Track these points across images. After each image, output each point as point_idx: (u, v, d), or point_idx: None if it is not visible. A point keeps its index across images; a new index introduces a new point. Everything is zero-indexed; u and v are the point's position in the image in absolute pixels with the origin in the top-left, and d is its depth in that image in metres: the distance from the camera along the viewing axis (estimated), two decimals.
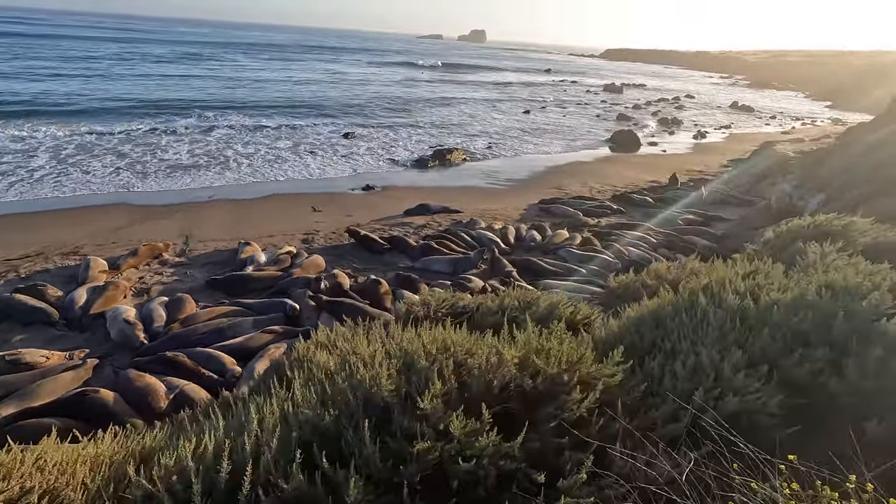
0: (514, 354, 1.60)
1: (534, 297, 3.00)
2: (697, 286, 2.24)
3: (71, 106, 23.42)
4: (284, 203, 12.81)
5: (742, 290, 2.09)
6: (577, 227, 11.21)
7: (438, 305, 3.17)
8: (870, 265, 2.50)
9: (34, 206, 11.72)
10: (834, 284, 1.98)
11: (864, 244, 3.16)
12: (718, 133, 30.80)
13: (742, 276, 2.36)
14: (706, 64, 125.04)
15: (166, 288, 7.56)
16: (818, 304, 1.90)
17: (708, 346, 1.75)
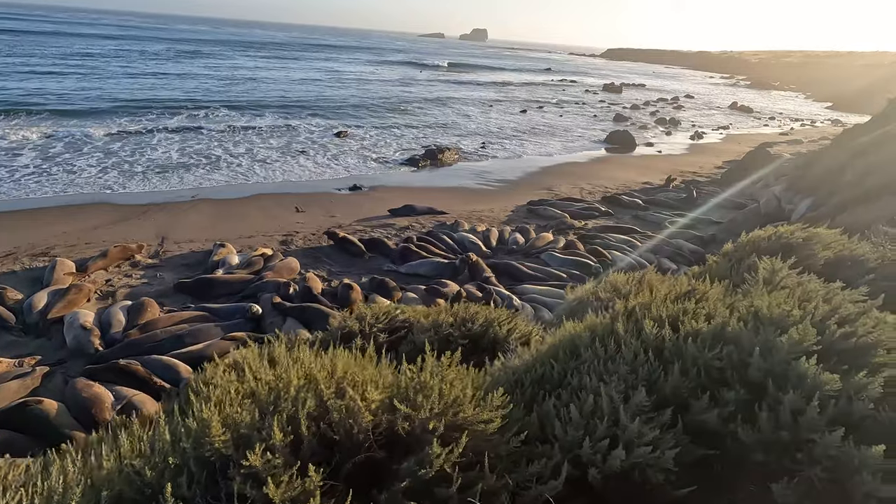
0: (375, 398, 1.40)
1: (471, 313, 2.80)
2: (622, 309, 2.04)
3: (63, 104, 23.24)
4: (268, 203, 12.61)
5: (666, 315, 1.88)
6: (562, 229, 11.01)
7: (375, 320, 2.98)
8: (819, 284, 2.29)
9: (11, 205, 11.53)
10: (761, 313, 1.78)
11: (825, 258, 2.95)
12: (716, 134, 30.56)
13: (674, 297, 2.14)
14: (708, 64, 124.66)
15: (133, 291, 7.37)
16: (738, 336, 1.69)
17: (614, 383, 1.55)
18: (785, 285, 2.33)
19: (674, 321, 1.85)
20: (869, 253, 2.97)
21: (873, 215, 5.77)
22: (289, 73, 44.88)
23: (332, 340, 2.82)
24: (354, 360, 1.85)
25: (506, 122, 28.84)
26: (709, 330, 1.75)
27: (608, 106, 39.92)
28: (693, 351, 1.67)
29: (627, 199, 13.56)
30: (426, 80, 48.53)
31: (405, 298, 7.17)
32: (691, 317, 1.87)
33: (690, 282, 2.47)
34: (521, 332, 2.73)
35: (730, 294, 2.27)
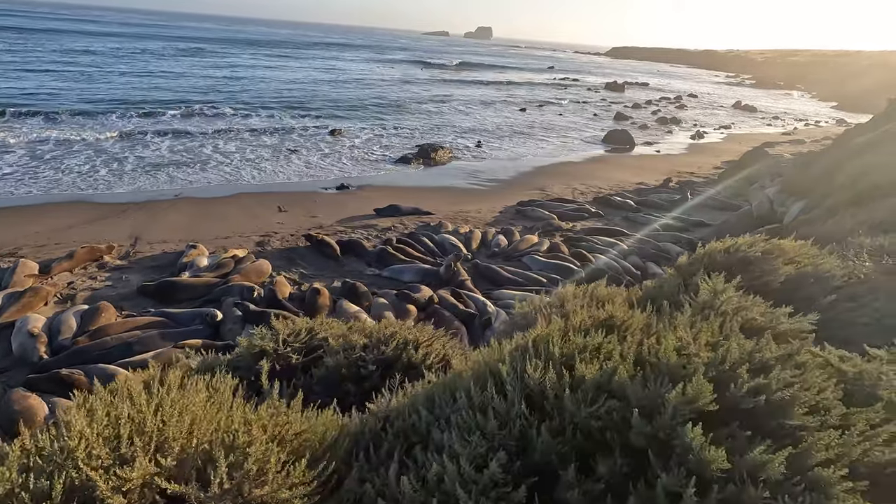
0: (135, 476, 1.12)
1: (387, 335, 2.51)
2: (527, 339, 1.75)
3: (56, 102, 23.08)
4: (250, 203, 12.37)
5: (560, 353, 1.58)
6: (549, 231, 10.70)
7: (294, 338, 2.70)
8: (763, 310, 2.00)
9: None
10: (658, 356, 1.49)
11: (787, 274, 2.65)
12: (717, 133, 30.12)
13: (589, 326, 1.85)
14: (713, 63, 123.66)
15: (94, 294, 7.13)
16: (623, 388, 1.40)
17: (474, 443, 1.27)
18: (724, 311, 2.03)
19: (569, 361, 1.56)
20: (836, 268, 2.67)
21: (862, 219, 5.45)
22: (288, 71, 44.69)
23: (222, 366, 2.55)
24: (208, 402, 1.57)
25: (504, 121, 28.50)
26: (592, 378, 1.46)
27: (609, 105, 39.48)
28: (570, 405, 1.38)
29: (619, 200, 13.24)
30: (426, 79, 48.21)
31: (375, 304, 6.89)
32: (589, 357, 1.57)
33: (612, 306, 2.17)
34: (439, 356, 2.45)
35: (661, 322, 1.98)
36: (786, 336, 1.98)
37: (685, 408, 1.28)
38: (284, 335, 2.78)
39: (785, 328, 1.99)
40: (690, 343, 1.57)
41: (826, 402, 1.42)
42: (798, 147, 23.57)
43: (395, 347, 2.41)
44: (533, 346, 1.63)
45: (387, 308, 6.74)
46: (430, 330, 2.74)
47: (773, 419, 1.34)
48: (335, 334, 2.59)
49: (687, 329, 1.70)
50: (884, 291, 2.48)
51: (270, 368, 2.69)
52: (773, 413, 1.35)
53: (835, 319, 2.35)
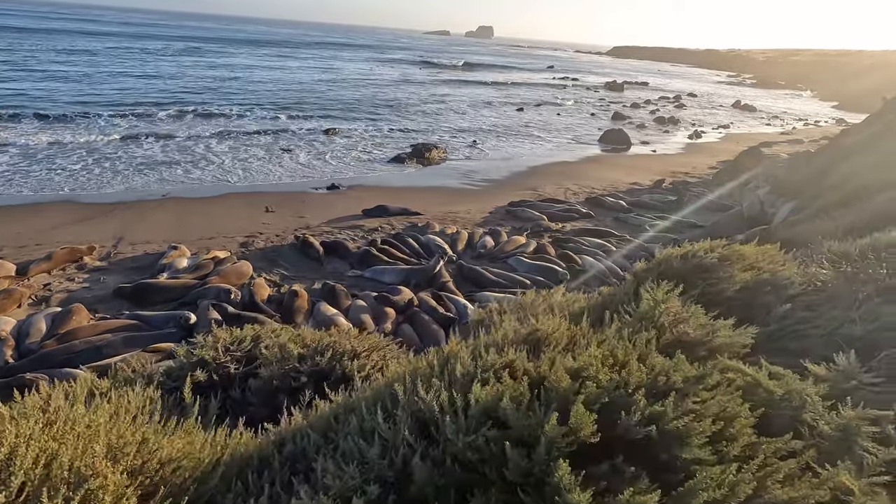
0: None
1: (324, 344, 2.40)
2: (438, 358, 1.61)
3: (52, 102, 23.01)
4: (238, 203, 12.27)
5: (463, 373, 1.47)
6: (538, 232, 10.59)
7: (234, 347, 2.59)
8: (703, 323, 1.88)
9: None
10: (548, 379, 1.37)
11: (742, 282, 2.53)
12: (715, 133, 29.95)
13: (509, 343, 1.73)
14: (714, 62, 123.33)
15: (70, 296, 7.04)
16: (506, 416, 1.29)
17: (348, 475, 1.17)
18: (661, 324, 1.92)
19: (466, 385, 1.44)
20: (795, 276, 2.56)
21: (849, 220, 5.32)
22: (286, 70, 44.61)
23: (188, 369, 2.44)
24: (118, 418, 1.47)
25: (500, 121, 28.38)
26: (480, 404, 1.35)
27: (608, 104, 39.32)
28: (449, 432, 1.27)
29: (611, 201, 13.12)
30: (424, 79, 48.07)
31: (354, 307, 6.79)
32: (494, 377, 1.46)
33: (537, 319, 2.05)
34: (377, 367, 2.34)
35: (587, 337, 1.87)
36: (721, 351, 1.86)
37: (562, 441, 1.17)
38: (227, 343, 2.68)
39: (721, 342, 1.88)
40: (592, 364, 1.45)
41: (732, 431, 1.31)
42: (796, 147, 23.39)
43: (331, 358, 2.30)
44: (441, 364, 1.52)
45: (365, 311, 6.64)
46: (375, 339, 2.63)
47: (667, 451, 1.23)
48: (273, 344, 2.48)
49: (596, 346, 1.59)
50: (842, 300, 2.36)
51: (208, 378, 2.60)
52: (669, 444, 1.24)
53: (789, 330, 2.24)
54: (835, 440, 1.35)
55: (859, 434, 1.35)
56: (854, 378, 1.66)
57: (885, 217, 3.08)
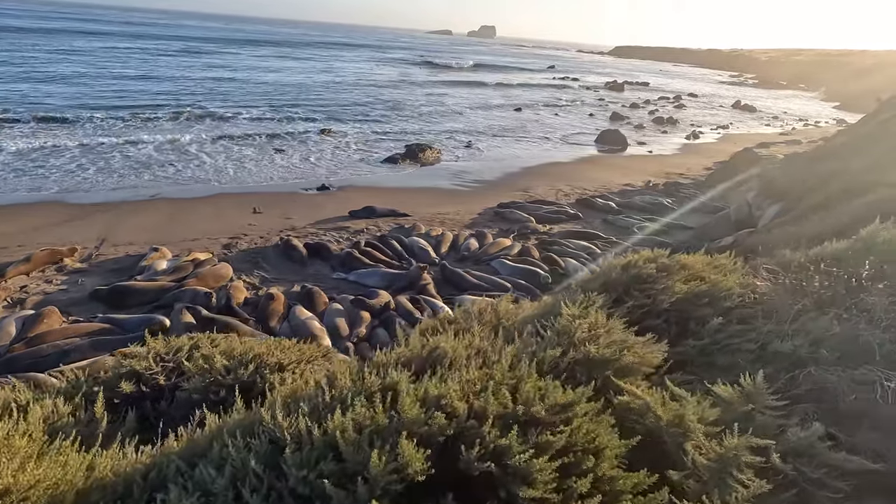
0: None
1: (250, 357, 2.33)
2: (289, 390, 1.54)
3: (48, 103, 23.03)
4: (227, 203, 12.24)
5: (332, 398, 1.40)
6: (525, 234, 10.53)
7: (170, 356, 2.53)
8: (620, 338, 1.80)
9: None
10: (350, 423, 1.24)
11: (681, 293, 2.45)
12: (714, 134, 29.82)
13: (410, 358, 1.67)
14: (716, 62, 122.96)
15: (46, 299, 7.01)
16: (344, 450, 1.23)
17: None
18: (576, 341, 1.86)
19: (325, 411, 1.38)
20: (735, 287, 2.49)
21: (829, 223, 5.25)
22: (284, 70, 44.61)
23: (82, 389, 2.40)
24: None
25: (497, 121, 28.30)
26: (323, 437, 1.28)
27: (607, 104, 39.20)
28: (289, 465, 1.21)
29: (601, 203, 13.03)
30: (423, 79, 47.98)
31: (329, 310, 6.74)
32: (363, 403, 1.39)
33: (440, 336, 1.99)
34: (293, 386, 2.27)
35: (501, 353, 1.81)
36: (629, 370, 1.80)
37: (387, 478, 1.11)
38: (161, 352, 2.63)
39: (629, 361, 1.81)
40: (450, 392, 1.37)
41: (589, 464, 1.25)
42: (793, 147, 23.23)
43: (254, 370, 2.25)
44: (329, 384, 1.47)
45: (340, 314, 6.58)
46: (311, 350, 2.57)
47: (506, 489, 1.17)
48: (198, 356, 2.43)
49: (476, 368, 1.52)
50: (778, 313, 2.29)
51: (138, 390, 2.55)
52: (508, 481, 1.17)
53: (722, 344, 2.17)
54: (710, 471, 1.29)
55: (736, 465, 1.29)
56: (755, 401, 1.59)
57: (858, 223, 3.01)
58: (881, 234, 2.55)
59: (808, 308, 2.28)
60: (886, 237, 2.51)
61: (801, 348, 2.01)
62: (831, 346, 2.02)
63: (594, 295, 2.28)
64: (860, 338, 2.02)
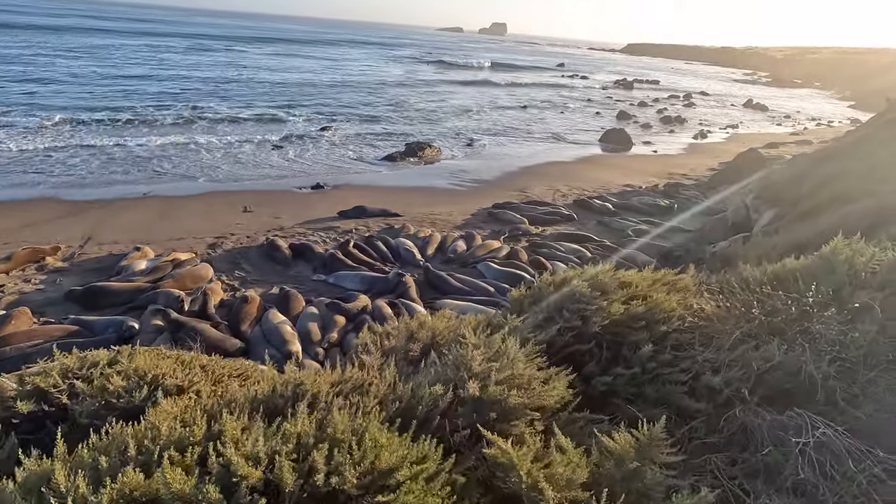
0: None
1: (149, 378, 2.15)
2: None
3: (52, 100, 23.19)
4: (218, 202, 12.16)
5: (169, 441, 1.20)
6: (515, 236, 10.31)
7: (85, 371, 2.38)
8: (518, 370, 1.59)
9: None
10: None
11: (616, 314, 2.23)
12: (722, 133, 29.28)
13: (265, 394, 1.46)
14: (730, 60, 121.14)
15: (21, 299, 6.94)
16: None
17: None
18: (474, 372, 1.66)
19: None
20: (678, 309, 2.27)
21: (821, 229, 4.99)
22: (289, 67, 44.66)
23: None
24: None
25: (501, 120, 28.02)
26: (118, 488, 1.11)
27: (614, 103, 38.70)
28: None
29: (598, 204, 12.76)
30: (429, 77, 47.75)
31: (303, 314, 6.59)
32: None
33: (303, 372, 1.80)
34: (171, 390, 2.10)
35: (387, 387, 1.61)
36: (516, 412, 1.60)
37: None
38: (72, 368, 2.48)
39: (516, 402, 1.61)
40: (235, 457, 1.18)
41: None
42: (803, 148, 22.70)
43: (149, 394, 2.09)
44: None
45: (314, 319, 6.44)
46: (229, 366, 2.41)
47: None
48: (94, 374, 2.27)
49: (304, 421, 1.34)
50: (718, 339, 2.07)
51: (41, 410, 2.40)
52: None
53: (653, 374, 1.96)
54: None
55: None
56: (646, 456, 1.39)
57: (833, 233, 2.77)
58: (843, 251, 2.32)
59: (751, 334, 2.07)
60: (848, 255, 2.28)
61: (732, 383, 1.81)
62: (769, 380, 1.81)
63: (511, 317, 2.09)
64: (803, 370, 1.81)
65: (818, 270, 2.26)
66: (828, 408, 1.68)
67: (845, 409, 1.63)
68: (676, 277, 2.60)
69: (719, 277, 2.63)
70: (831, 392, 1.72)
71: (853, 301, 2.05)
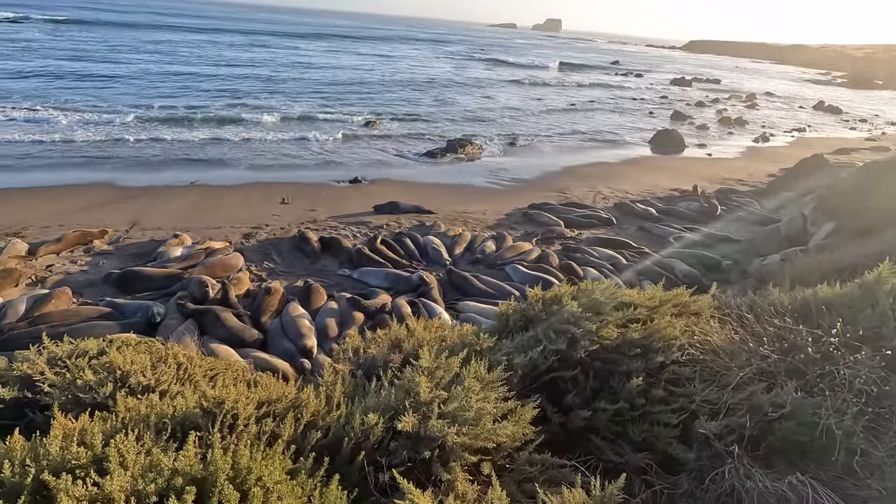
0: None
1: (118, 375, 2.10)
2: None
3: (123, 90, 24.65)
4: (257, 193, 12.48)
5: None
6: (549, 238, 9.96)
7: (73, 360, 2.38)
8: (459, 405, 1.38)
9: (25, 182, 12.13)
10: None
11: (608, 339, 1.96)
12: (787, 137, 27.38)
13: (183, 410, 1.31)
14: (802, 58, 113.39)
15: (66, 279, 7.33)
16: None
17: None
18: (421, 400, 1.46)
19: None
20: (680, 337, 1.97)
21: (869, 252, 4.46)
22: (340, 63, 45.48)
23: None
24: None
25: (548, 118, 27.38)
26: None
27: (669, 102, 37.02)
28: None
29: (640, 208, 12.16)
30: (477, 74, 47.37)
31: (323, 309, 6.59)
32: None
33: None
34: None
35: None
36: (452, 453, 1.39)
37: None
38: (60, 356, 2.50)
39: (455, 442, 1.39)
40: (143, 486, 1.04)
41: None
42: (879, 155, 20.85)
43: (114, 390, 2.05)
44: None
45: (333, 314, 6.43)
46: (202, 369, 2.35)
47: None
48: (73, 366, 2.27)
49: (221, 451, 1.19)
50: (723, 376, 1.77)
51: (24, 397, 2.43)
52: None
53: (640, 411, 1.71)
54: None
55: None
56: None
57: (886, 255, 2.38)
58: (890, 279, 1.96)
59: (763, 374, 1.77)
60: (894, 285, 1.92)
61: (728, 433, 1.53)
62: (778, 429, 1.52)
63: (485, 336, 1.89)
64: (820, 423, 1.51)
65: (857, 301, 1.92)
66: (843, 476, 1.39)
67: (863, 479, 1.34)
68: (692, 299, 2.31)
69: (738, 302, 2.31)
70: (851, 453, 1.42)
71: (895, 342, 1.71)
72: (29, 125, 17.44)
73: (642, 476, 1.52)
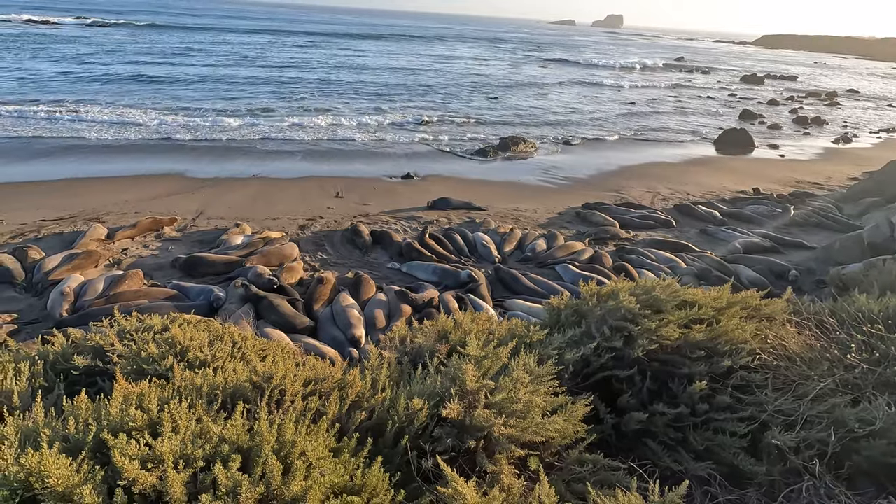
0: None
1: (178, 349, 2.18)
2: None
3: (195, 88, 26.24)
4: (313, 186, 12.87)
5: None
6: (602, 239, 9.64)
7: (140, 335, 2.52)
8: (499, 398, 1.28)
9: (109, 171, 13.14)
10: None
11: (668, 338, 1.79)
12: (872, 138, 25.15)
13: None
14: (892, 53, 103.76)
15: (137, 262, 7.86)
16: None
17: None
18: (466, 389, 1.38)
19: None
20: (751, 341, 1.77)
21: None
22: (399, 62, 46.18)
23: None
24: None
25: (605, 116, 26.57)
26: None
27: (738, 100, 34.95)
28: None
29: (703, 210, 11.52)
30: (534, 71, 46.67)
31: (372, 301, 6.69)
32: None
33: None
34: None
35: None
36: (506, 444, 1.31)
37: None
38: (128, 330, 2.66)
39: (501, 434, 1.30)
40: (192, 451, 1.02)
41: None
42: None
43: (173, 363, 2.13)
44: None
45: (381, 306, 6.51)
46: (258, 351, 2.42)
47: None
48: (145, 337, 2.39)
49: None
50: (800, 385, 1.58)
51: (97, 366, 2.59)
52: None
53: (702, 418, 1.56)
54: None
55: None
56: None
57: None
58: None
59: (848, 385, 1.58)
60: None
61: (806, 447, 1.37)
62: (865, 448, 1.35)
63: (535, 328, 1.81)
64: None
65: None
66: None
67: None
68: (763, 302, 2.12)
69: (817, 308, 2.10)
70: None
71: None
72: (116, 122, 18.93)
73: (704, 486, 1.41)
